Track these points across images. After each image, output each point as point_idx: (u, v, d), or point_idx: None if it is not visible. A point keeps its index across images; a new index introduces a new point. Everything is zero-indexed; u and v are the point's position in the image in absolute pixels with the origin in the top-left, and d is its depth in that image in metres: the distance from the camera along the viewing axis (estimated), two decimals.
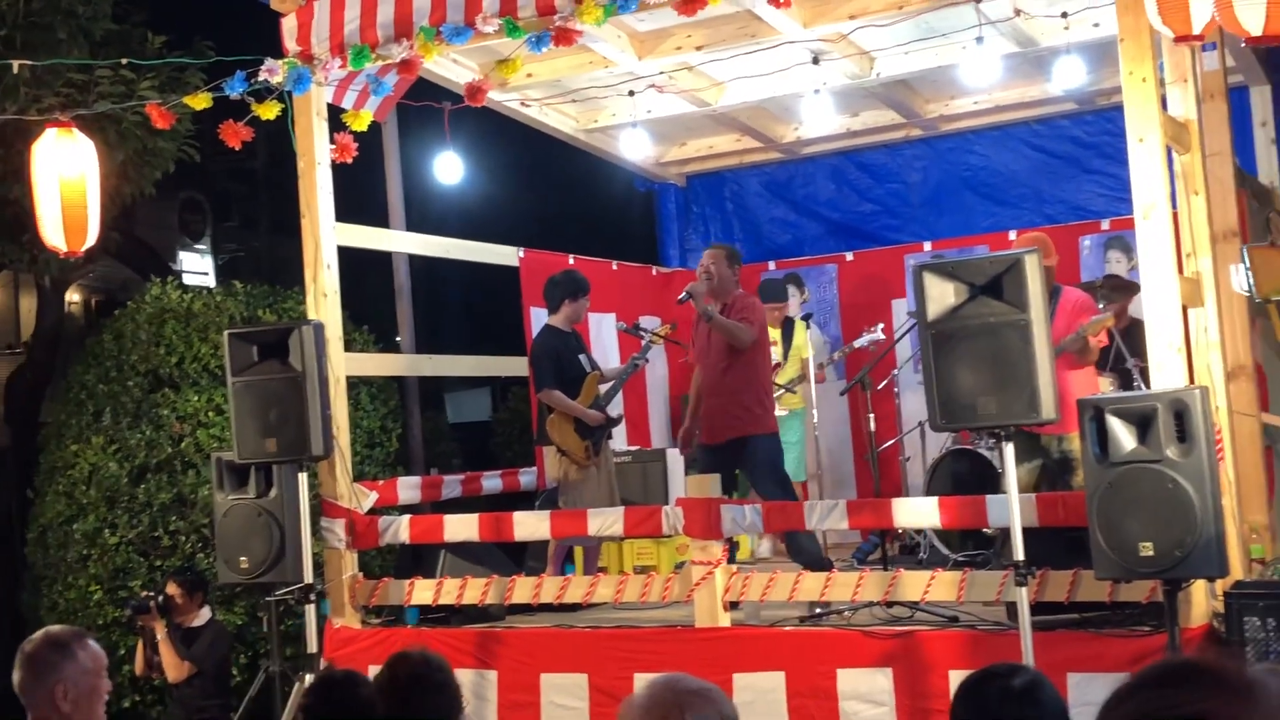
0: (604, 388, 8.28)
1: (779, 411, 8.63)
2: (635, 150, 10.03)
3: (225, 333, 7.08)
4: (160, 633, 7.38)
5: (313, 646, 6.95)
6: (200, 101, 7.26)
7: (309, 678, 6.53)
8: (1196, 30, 5.09)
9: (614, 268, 10.72)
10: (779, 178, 11.35)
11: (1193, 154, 6.46)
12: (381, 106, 8.14)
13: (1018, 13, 8.02)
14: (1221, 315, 6.53)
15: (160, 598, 7.45)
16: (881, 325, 9.56)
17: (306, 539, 6.89)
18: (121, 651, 8.48)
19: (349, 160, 7.62)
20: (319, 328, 6.95)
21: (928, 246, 10.36)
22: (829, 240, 11.16)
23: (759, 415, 7.77)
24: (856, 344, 9.59)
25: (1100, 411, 5.57)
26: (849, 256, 10.88)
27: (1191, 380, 6.08)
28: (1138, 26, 5.94)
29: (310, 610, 6.88)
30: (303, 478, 6.88)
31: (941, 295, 5.72)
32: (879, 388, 9.27)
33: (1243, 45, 4.67)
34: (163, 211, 18.81)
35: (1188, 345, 6.15)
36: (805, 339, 9.67)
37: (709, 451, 7.82)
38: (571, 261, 9.94)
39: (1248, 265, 5.52)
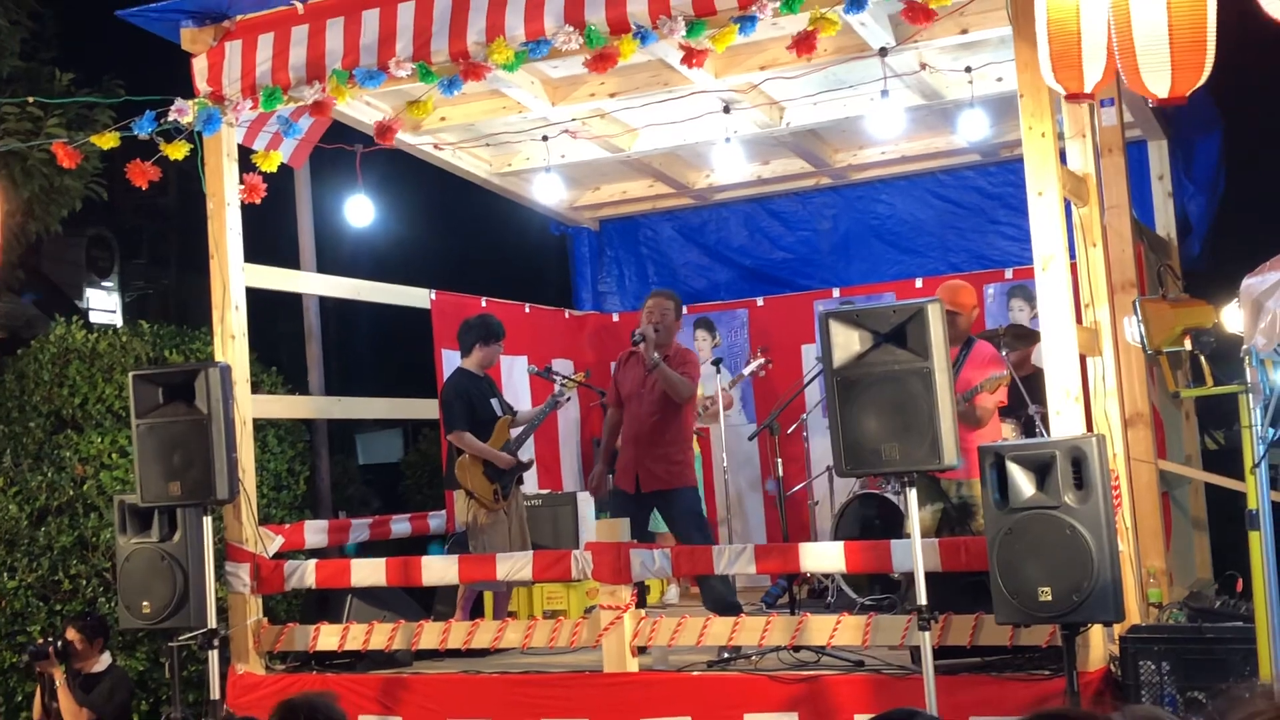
0: (515, 432, 8.28)
1: None
2: (548, 194, 10.08)
3: (130, 374, 6.99)
4: (59, 679, 7.24)
5: (215, 693, 6.85)
6: (108, 141, 7.22)
7: None
8: (1088, 89, 5.22)
9: (526, 310, 10.73)
10: (692, 223, 11.44)
11: (1091, 207, 6.62)
12: (297, 152, 8.14)
13: (923, 66, 8.19)
14: (1120, 364, 6.70)
15: (59, 644, 7.31)
16: (763, 348, 9.67)
17: (210, 583, 6.81)
18: (19, 698, 8.31)
19: (257, 201, 7.58)
20: (225, 370, 6.89)
21: (837, 293, 10.49)
22: (741, 285, 11.26)
23: (683, 469, 7.83)
24: (745, 371, 9.72)
25: (1000, 458, 5.68)
26: (759, 302, 10.98)
27: (1090, 428, 6.21)
28: (1036, 83, 6.09)
29: (213, 656, 6.79)
30: (207, 521, 6.80)
31: (847, 342, 5.80)
32: (788, 432, 9.36)
33: (1149, 105, 4.80)
34: (70, 248, 18.55)
35: (1086, 394, 6.29)
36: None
37: (627, 499, 7.82)
38: (484, 304, 9.94)
39: (1140, 317, 5.66)
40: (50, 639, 7.42)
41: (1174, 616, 6.28)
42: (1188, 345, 5.63)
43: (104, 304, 19.95)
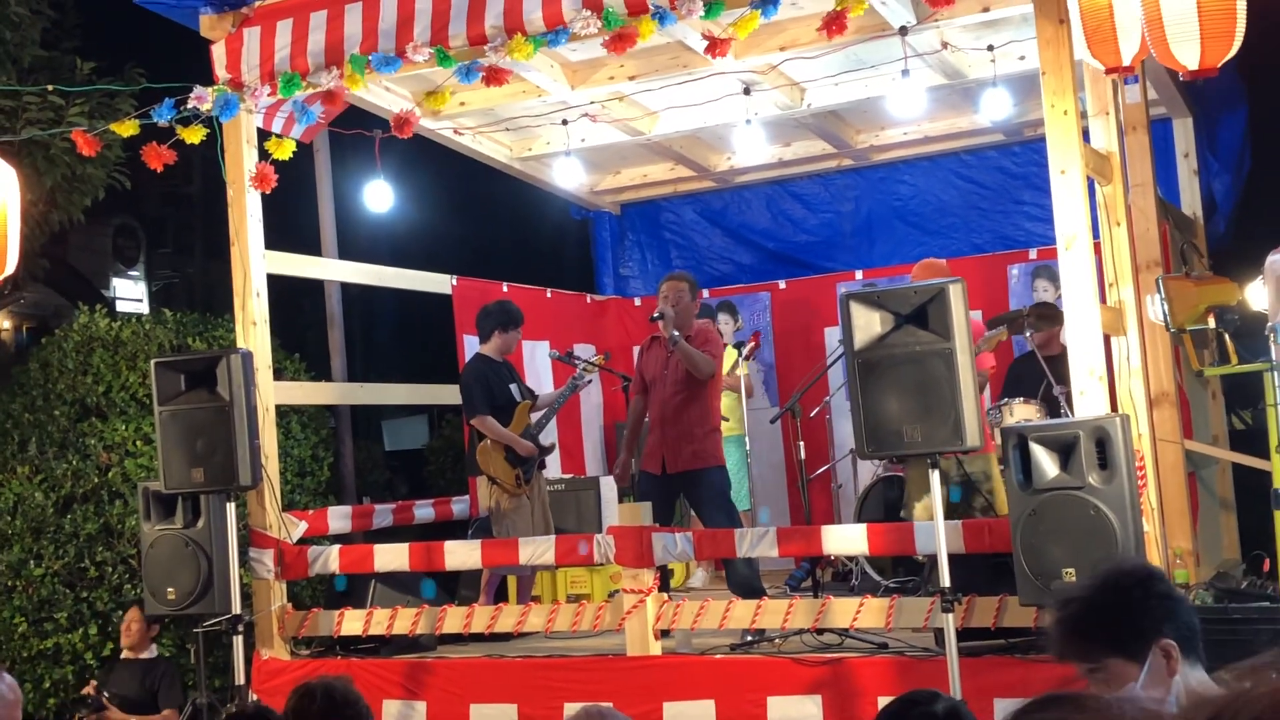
0: (535, 417, 8.27)
1: None
2: (569, 179, 10.06)
3: (152, 361, 7.02)
4: (117, 714, 7.49)
5: (240, 678, 6.89)
6: (128, 128, 7.22)
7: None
8: (1126, 61, 5.19)
9: (548, 295, 10.72)
10: (713, 206, 11.40)
11: (1114, 185, 6.57)
12: (308, 129, 8.12)
13: (945, 45, 8.13)
14: (1144, 343, 6.64)
15: (100, 690, 7.57)
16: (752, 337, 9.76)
17: (234, 569, 6.84)
18: (47, 684, 8.36)
19: (268, 189, 7.55)
20: (247, 356, 6.90)
21: (859, 275, 10.45)
22: (764, 268, 11.21)
23: (711, 449, 7.78)
24: (742, 358, 9.58)
25: (1023, 439, 5.64)
26: (782, 284, 10.94)
27: (1114, 408, 6.17)
28: (1059, 60, 6.05)
29: (238, 642, 6.82)
30: (231, 507, 6.83)
31: (868, 324, 5.78)
32: (811, 415, 9.31)
33: (1180, 78, 4.75)
34: (96, 237, 18.65)
35: (1110, 373, 6.25)
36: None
37: (655, 481, 7.78)
38: (505, 289, 9.94)
39: (1163, 295, 5.62)
40: (92, 692, 7.61)
41: (1200, 597, 6.22)
42: (1211, 323, 5.60)
43: (131, 293, 20.06)
